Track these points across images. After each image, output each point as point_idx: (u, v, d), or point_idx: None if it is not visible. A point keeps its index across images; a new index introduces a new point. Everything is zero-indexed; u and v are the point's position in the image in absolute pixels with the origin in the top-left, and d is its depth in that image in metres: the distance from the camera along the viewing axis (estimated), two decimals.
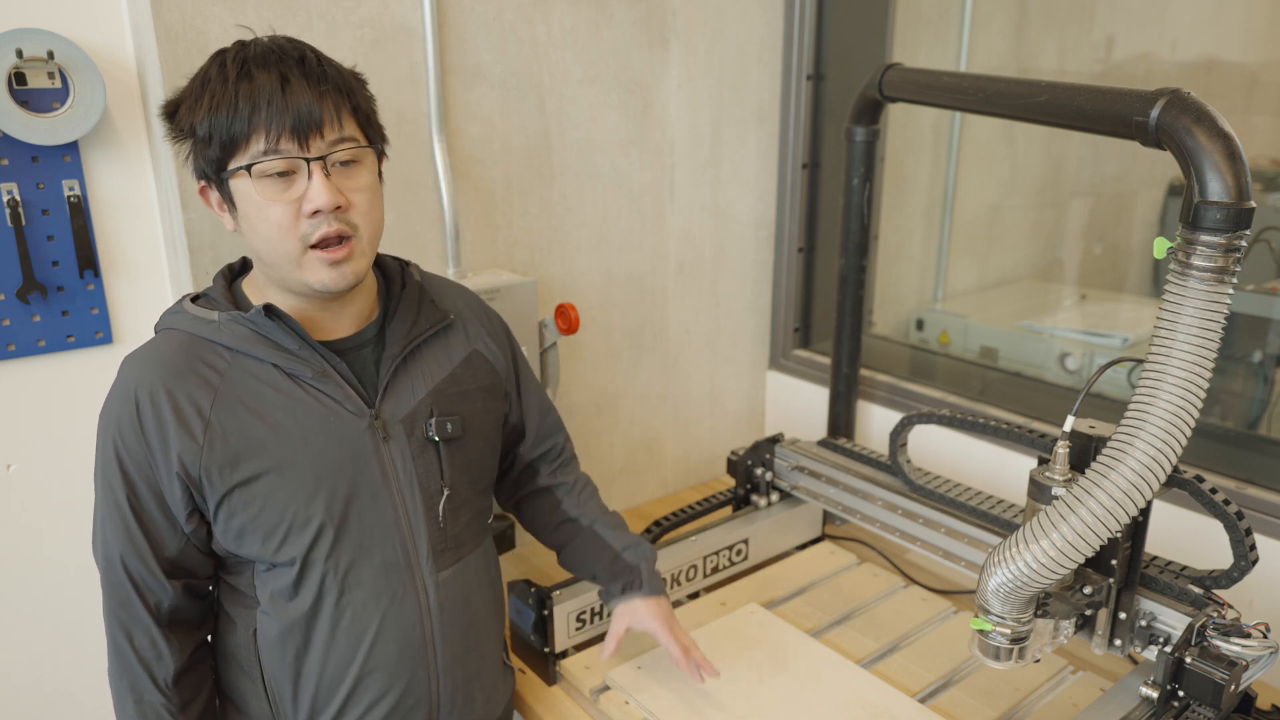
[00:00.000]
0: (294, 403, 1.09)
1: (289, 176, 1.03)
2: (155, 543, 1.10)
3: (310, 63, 1.04)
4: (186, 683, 1.15)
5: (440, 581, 1.19)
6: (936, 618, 1.62)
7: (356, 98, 1.08)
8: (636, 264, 2.01)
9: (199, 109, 1.03)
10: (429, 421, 1.17)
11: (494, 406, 1.28)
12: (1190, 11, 2.25)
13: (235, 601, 1.17)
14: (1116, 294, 2.46)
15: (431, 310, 1.22)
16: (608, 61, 1.84)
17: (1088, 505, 1.05)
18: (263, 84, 1.01)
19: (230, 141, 1.02)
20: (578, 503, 1.41)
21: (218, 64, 1.04)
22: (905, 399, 2.04)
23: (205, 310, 1.11)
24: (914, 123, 2.42)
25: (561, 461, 1.44)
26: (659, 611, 1.36)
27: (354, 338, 1.17)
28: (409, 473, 1.16)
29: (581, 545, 1.39)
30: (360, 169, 1.08)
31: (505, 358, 1.32)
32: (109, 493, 1.09)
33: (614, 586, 1.37)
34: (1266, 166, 1.97)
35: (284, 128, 1.01)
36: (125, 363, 1.10)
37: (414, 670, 1.18)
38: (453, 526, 1.21)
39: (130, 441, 1.07)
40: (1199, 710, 1.14)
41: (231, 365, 1.08)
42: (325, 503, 1.10)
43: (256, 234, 1.05)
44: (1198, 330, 1.01)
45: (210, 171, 1.06)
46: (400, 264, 1.25)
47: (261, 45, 1.04)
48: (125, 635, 1.12)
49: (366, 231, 1.09)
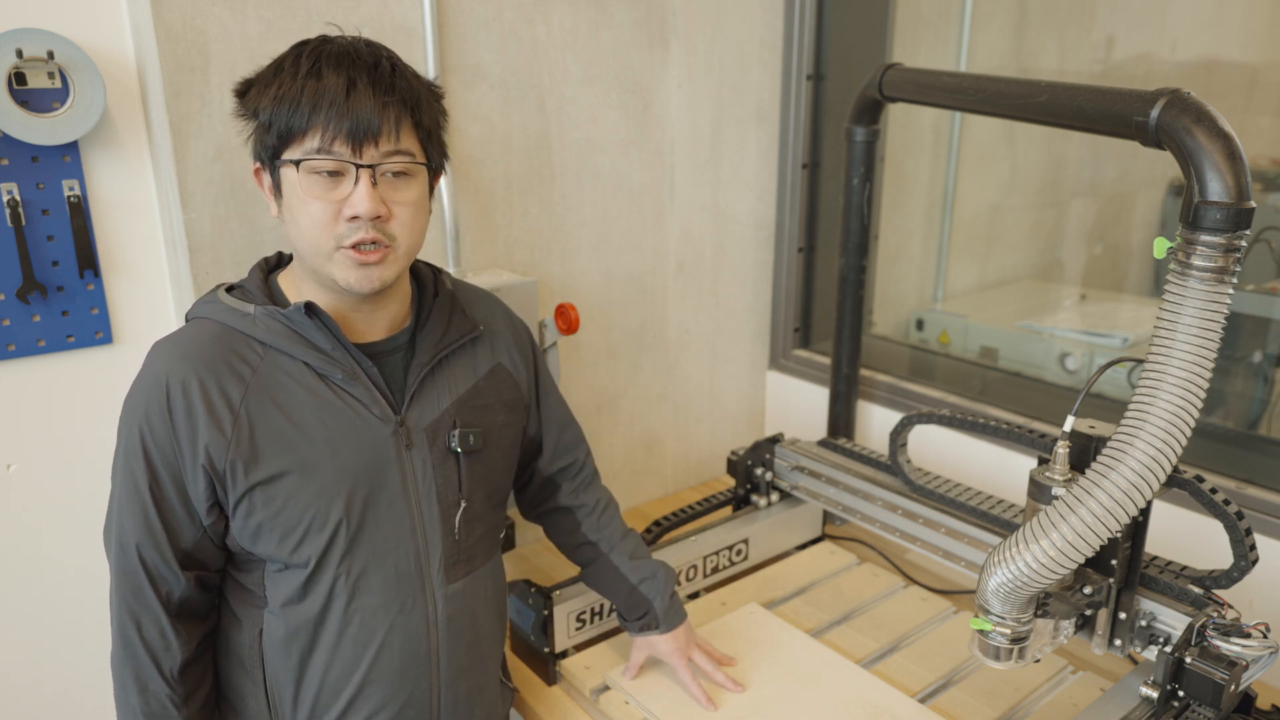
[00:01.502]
0: (322, 403, 1.09)
1: (337, 177, 1.04)
2: (173, 533, 1.10)
3: (383, 71, 1.05)
4: (191, 674, 1.15)
5: (449, 594, 1.19)
6: (936, 618, 1.62)
7: (421, 113, 1.08)
8: (636, 264, 2.01)
9: (266, 95, 1.04)
10: (452, 433, 1.17)
11: (514, 421, 1.28)
12: (1190, 11, 2.25)
13: (243, 600, 1.17)
14: (1116, 294, 2.46)
15: (462, 320, 1.22)
16: (608, 61, 1.84)
17: (1088, 505, 1.05)
18: (329, 84, 1.02)
19: (287, 133, 1.04)
20: (597, 526, 1.42)
21: (294, 55, 1.06)
22: (905, 399, 2.04)
23: (240, 303, 1.11)
24: (914, 123, 2.42)
25: (582, 480, 1.44)
26: (675, 648, 1.41)
27: (386, 342, 1.17)
28: (428, 482, 1.16)
29: (600, 572, 1.42)
30: (410, 182, 1.09)
31: (528, 371, 1.32)
32: (130, 480, 1.09)
33: (632, 624, 1.42)
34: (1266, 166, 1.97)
35: (340, 131, 1.02)
36: (155, 350, 1.10)
37: (417, 682, 1.18)
38: (466, 539, 1.20)
39: (158, 430, 1.06)
40: (1199, 710, 1.14)
41: (264, 360, 1.09)
42: (344, 506, 1.10)
43: (295, 225, 1.07)
44: (1198, 330, 1.01)
45: (265, 157, 1.08)
46: (433, 271, 1.26)
47: (340, 44, 1.06)
48: (134, 623, 1.11)
49: (404, 244, 1.09)
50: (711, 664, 1.42)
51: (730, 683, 1.40)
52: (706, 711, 1.36)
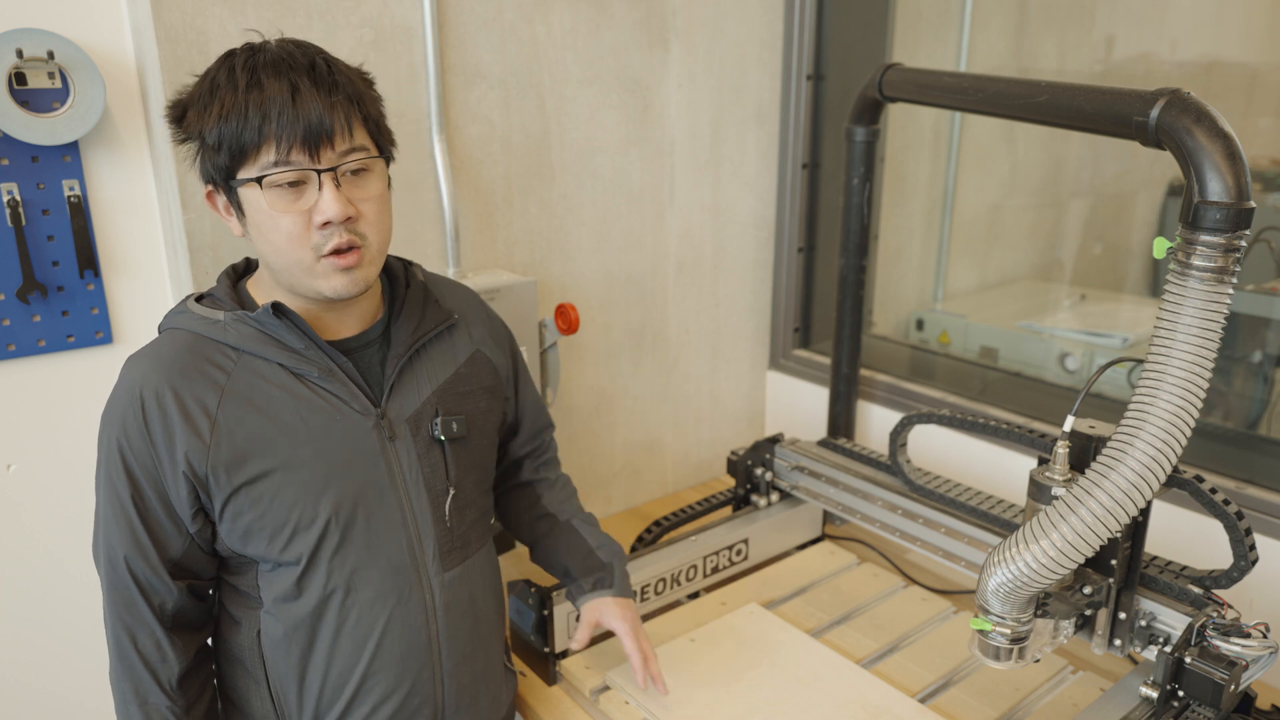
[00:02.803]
0: (301, 402, 1.09)
1: (299, 186, 1.03)
2: (160, 543, 1.10)
3: (321, 70, 1.04)
4: (191, 684, 1.15)
5: (446, 581, 1.19)
6: (936, 618, 1.62)
7: (366, 105, 1.08)
8: (636, 264, 2.01)
9: (208, 115, 1.02)
10: (434, 421, 1.18)
11: (495, 407, 1.29)
12: (1190, 11, 2.25)
13: (238, 602, 1.17)
14: (1116, 294, 2.46)
15: (436, 310, 1.22)
16: (608, 61, 1.84)
17: (1088, 505, 1.05)
18: (273, 93, 1.00)
19: (240, 151, 1.02)
20: (557, 499, 1.43)
21: (226, 69, 1.03)
22: (905, 399, 2.04)
23: (210, 310, 1.11)
24: (914, 123, 2.42)
25: (546, 459, 1.45)
26: (625, 613, 1.36)
27: (359, 337, 1.17)
28: (415, 472, 1.16)
29: (557, 539, 1.40)
30: (370, 177, 1.09)
31: (506, 359, 1.33)
32: (112, 493, 1.09)
33: (585, 582, 1.37)
34: (1266, 166, 1.97)
35: (295, 139, 1.01)
36: (129, 363, 1.10)
37: (419, 671, 1.18)
38: (459, 526, 1.21)
39: (135, 441, 1.07)
40: (1199, 710, 1.14)
41: (238, 365, 1.09)
42: (332, 502, 1.10)
43: (267, 242, 1.06)
44: (1198, 330, 1.01)
45: (219, 178, 1.06)
46: (404, 264, 1.26)
47: (271, 51, 1.04)
48: (129, 637, 1.11)
49: (375, 240, 1.09)
50: (652, 651, 1.38)
51: (659, 680, 1.36)
52: (706, 712, 1.36)
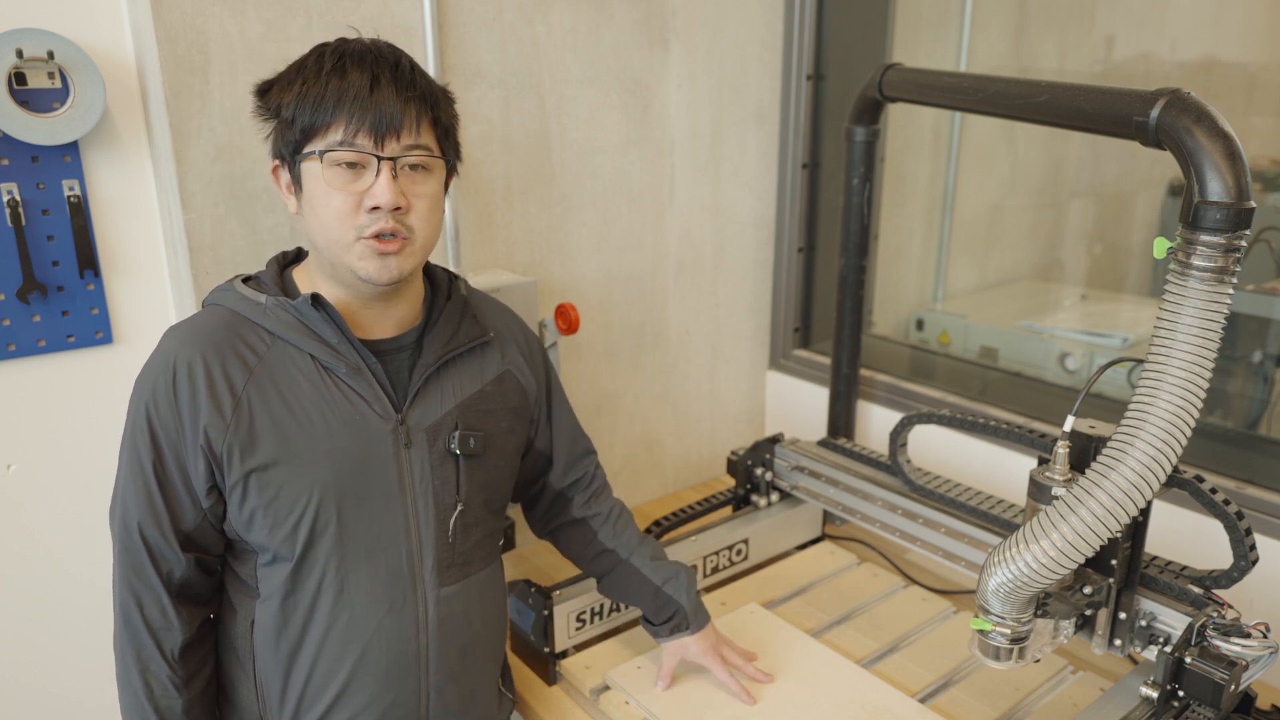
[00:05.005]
0: (324, 396, 1.11)
1: (358, 169, 1.06)
2: (174, 513, 1.11)
3: (403, 69, 1.08)
4: (192, 656, 1.16)
5: (442, 597, 1.19)
6: (936, 618, 1.62)
7: (440, 110, 1.12)
8: (636, 264, 2.01)
9: (289, 93, 1.07)
10: (452, 434, 1.18)
11: (518, 429, 1.29)
12: (1190, 11, 2.25)
13: (238, 590, 1.18)
14: (1116, 294, 2.46)
15: (472, 325, 1.23)
16: (608, 61, 1.84)
17: (1088, 505, 1.05)
18: (353, 81, 1.05)
19: (311, 127, 1.06)
20: (613, 533, 1.42)
21: (316, 55, 1.09)
22: (905, 399, 2.04)
23: (253, 292, 1.13)
24: (914, 123, 2.42)
25: (594, 491, 1.44)
26: (708, 646, 1.40)
27: (393, 341, 1.18)
28: (425, 482, 1.16)
29: (621, 578, 1.41)
30: (428, 176, 1.11)
31: (538, 383, 1.33)
32: (135, 458, 1.10)
33: (661, 627, 1.40)
34: (1266, 166, 1.97)
35: (364, 124, 1.05)
36: (168, 334, 1.13)
37: (404, 683, 1.18)
38: (462, 543, 1.21)
39: (164, 409, 1.08)
40: (1199, 710, 1.14)
41: (271, 349, 1.10)
42: (337, 500, 1.11)
43: (315, 217, 1.09)
44: (1198, 330, 1.01)
45: (286, 153, 1.10)
46: (450, 276, 1.27)
47: (361, 44, 1.09)
48: (136, 602, 1.12)
49: (421, 236, 1.11)
50: (743, 658, 1.42)
51: (762, 674, 1.41)
52: (706, 712, 1.36)
